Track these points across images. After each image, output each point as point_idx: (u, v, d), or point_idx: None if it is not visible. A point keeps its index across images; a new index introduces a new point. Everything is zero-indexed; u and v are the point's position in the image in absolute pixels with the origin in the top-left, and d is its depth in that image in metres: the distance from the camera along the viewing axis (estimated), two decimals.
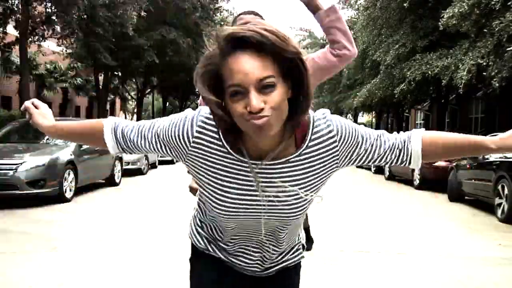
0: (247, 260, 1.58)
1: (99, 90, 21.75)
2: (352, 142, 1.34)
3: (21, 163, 7.93)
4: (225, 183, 1.34)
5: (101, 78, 22.95)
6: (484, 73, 10.34)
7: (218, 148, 1.31)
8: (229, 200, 1.36)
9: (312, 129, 1.31)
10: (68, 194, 8.69)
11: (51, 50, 21.50)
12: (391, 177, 14.52)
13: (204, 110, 1.32)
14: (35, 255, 5.03)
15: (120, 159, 11.82)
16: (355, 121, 36.12)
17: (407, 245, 5.90)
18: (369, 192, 11.39)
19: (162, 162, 17.65)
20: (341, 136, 1.32)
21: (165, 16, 20.65)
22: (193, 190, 2.86)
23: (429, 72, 12.19)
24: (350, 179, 14.57)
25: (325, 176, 1.43)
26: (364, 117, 45.40)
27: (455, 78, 10.97)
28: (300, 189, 1.36)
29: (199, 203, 1.62)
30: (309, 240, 5.11)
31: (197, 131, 1.30)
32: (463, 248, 5.88)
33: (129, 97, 37.84)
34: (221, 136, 1.30)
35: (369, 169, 17.55)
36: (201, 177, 1.37)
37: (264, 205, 1.36)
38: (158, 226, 6.73)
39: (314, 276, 4.54)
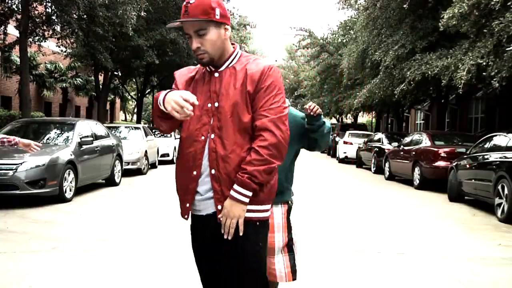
0: None
1: (99, 90, 21.73)
2: None
3: (21, 163, 7.93)
4: None
5: (101, 78, 22.94)
6: (484, 73, 10.33)
7: None
8: None
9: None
10: (68, 194, 8.69)
11: (51, 50, 21.50)
12: (391, 177, 14.52)
13: None
14: (35, 255, 5.03)
15: (120, 159, 11.82)
16: (355, 121, 36.06)
17: (407, 245, 5.91)
18: (368, 192, 11.40)
19: (162, 162, 17.66)
20: None
21: (165, 16, 20.64)
22: None
23: (429, 72, 12.17)
24: (349, 179, 14.57)
25: None
26: (364, 117, 45.38)
27: (455, 78, 10.95)
28: None
29: None
30: None
31: None
32: (463, 248, 5.88)
33: (129, 97, 37.85)
34: None
35: (369, 169, 17.56)
36: None
37: None
38: (158, 226, 6.73)
39: (314, 275, 4.54)
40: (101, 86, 21.96)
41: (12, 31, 16.27)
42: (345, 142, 21.96)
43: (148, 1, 17.10)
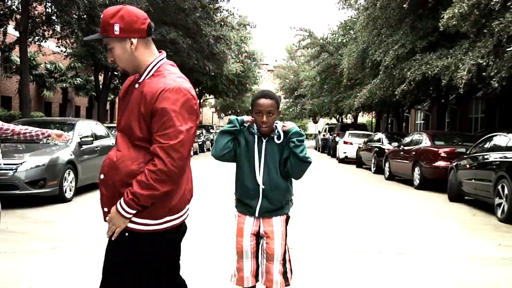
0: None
1: (99, 90, 21.72)
2: None
3: (21, 163, 7.93)
4: None
5: (101, 78, 22.92)
6: (484, 73, 10.34)
7: None
8: None
9: None
10: (68, 194, 8.69)
11: (51, 50, 21.50)
12: (391, 177, 14.52)
13: None
14: (35, 255, 5.03)
15: None
16: (355, 121, 36.02)
17: (407, 245, 5.91)
18: (369, 192, 11.40)
19: None
20: None
21: (165, 16, 20.62)
22: None
23: (429, 72, 12.17)
24: (350, 179, 14.57)
25: None
26: (364, 117, 45.35)
27: (455, 78, 10.95)
28: None
29: None
30: None
31: None
32: (463, 248, 5.89)
33: None
34: None
35: (369, 169, 17.56)
36: None
37: None
38: None
39: (314, 275, 4.54)
40: (101, 86, 21.95)
41: (12, 31, 16.26)
42: (345, 142, 21.95)
43: (148, 1, 17.09)
